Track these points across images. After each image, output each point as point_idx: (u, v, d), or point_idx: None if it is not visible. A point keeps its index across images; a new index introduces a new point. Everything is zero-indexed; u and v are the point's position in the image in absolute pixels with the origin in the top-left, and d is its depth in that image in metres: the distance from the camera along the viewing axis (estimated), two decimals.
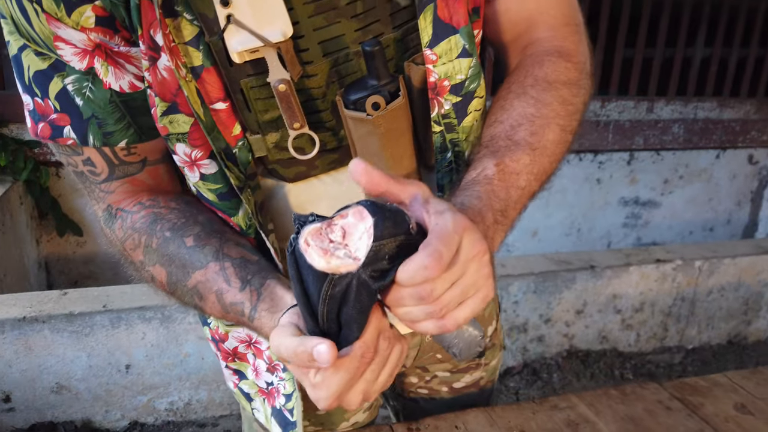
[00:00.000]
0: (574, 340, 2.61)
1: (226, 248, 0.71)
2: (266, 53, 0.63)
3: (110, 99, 0.66)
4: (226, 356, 0.88)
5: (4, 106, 2.67)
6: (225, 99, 0.66)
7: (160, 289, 0.73)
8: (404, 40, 0.69)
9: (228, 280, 0.68)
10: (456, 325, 0.53)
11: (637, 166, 3.63)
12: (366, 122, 0.67)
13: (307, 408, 0.91)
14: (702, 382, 1.04)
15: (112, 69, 0.65)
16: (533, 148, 0.67)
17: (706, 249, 2.74)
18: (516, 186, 0.65)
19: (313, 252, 0.50)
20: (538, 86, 0.71)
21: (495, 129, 0.69)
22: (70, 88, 0.65)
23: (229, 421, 2.19)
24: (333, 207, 0.76)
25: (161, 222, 0.72)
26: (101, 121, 0.67)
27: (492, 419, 0.93)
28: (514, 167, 0.65)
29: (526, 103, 0.70)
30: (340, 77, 0.68)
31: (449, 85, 0.69)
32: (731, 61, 3.63)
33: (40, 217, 2.88)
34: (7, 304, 1.97)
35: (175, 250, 0.70)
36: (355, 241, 0.51)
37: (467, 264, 0.51)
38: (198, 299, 0.70)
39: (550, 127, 0.69)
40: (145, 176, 0.74)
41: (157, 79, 0.63)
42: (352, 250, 0.50)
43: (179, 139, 0.67)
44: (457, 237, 0.50)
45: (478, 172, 0.65)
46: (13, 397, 1.99)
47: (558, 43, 0.75)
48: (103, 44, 0.63)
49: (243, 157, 0.70)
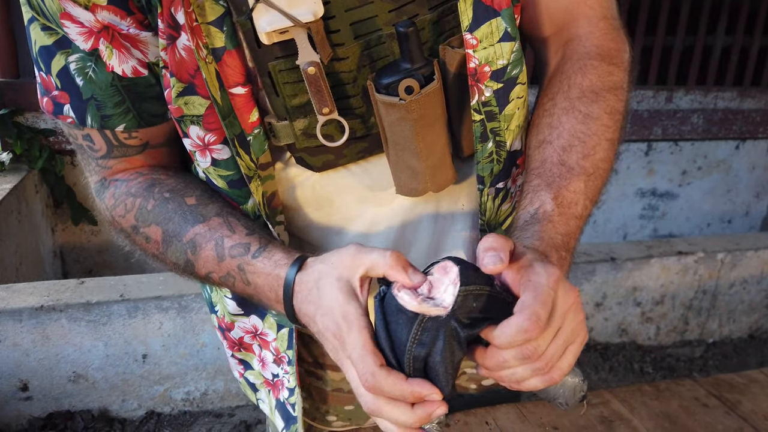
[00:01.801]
0: (593, 332, 2.58)
1: (229, 207, 0.70)
2: (296, 34, 0.60)
3: (111, 82, 0.65)
4: (232, 345, 0.86)
5: (19, 95, 2.67)
6: (245, 84, 0.64)
7: (152, 252, 0.71)
8: (440, 22, 0.66)
9: (232, 229, 0.67)
10: (562, 376, 0.54)
11: (655, 157, 3.59)
12: (398, 107, 0.64)
13: (334, 402, 0.89)
14: (738, 379, 1.01)
15: (116, 52, 0.63)
16: (587, 174, 0.65)
17: (728, 241, 2.69)
18: (574, 216, 0.64)
19: (405, 295, 0.52)
20: (585, 99, 0.69)
21: (545, 152, 0.67)
22: (72, 66, 0.64)
23: (245, 412, 2.18)
24: (361, 199, 0.74)
25: (160, 185, 0.71)
26: (100, 104, 0.66)
27: (523, 415, 0.91)
28: (571, 198, 0.64)
29: (575, 119, 0.68)
30: (371, 61, 0.65)
31: (490, 70, 0.67)
32: (752, 50, 3.57)
33: (56, 206, 2.88)
34: (25, 293, 1.96)
35: (175, 207, 0.69)
36: (442, 293, 0.52)
37: (564, 315, 0.52)
38: (191, 252, 0.68)
39: (601, 145, 0.67)
40: (145, 157, 0.73)
41: (175, 59, 0.61)
42: (439, 301, 0.52)
43: (193, 121, 0.65)
44: (552, 293, 0.50)
45: (536, 208, 0.63)
46: (31, 386, 1.99)
47: (598, 42, 0.72)
48: (111, 26, 0.61)
49: (257, 145, 0.67)
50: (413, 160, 0.68)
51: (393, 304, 0.52)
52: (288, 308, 0.61)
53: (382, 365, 0.52)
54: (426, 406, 0.52)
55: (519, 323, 0.49)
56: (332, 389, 0.88)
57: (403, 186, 0.71)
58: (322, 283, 0.57)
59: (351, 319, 0.53)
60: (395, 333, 0.52)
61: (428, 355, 0.52)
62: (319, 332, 0.57)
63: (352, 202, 0.75)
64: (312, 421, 0.91)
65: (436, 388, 0.52)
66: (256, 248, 0.65)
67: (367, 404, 0.53)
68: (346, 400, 0.88)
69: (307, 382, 0.88)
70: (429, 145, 0.68)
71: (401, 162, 0.69)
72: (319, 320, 0.56)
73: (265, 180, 0.70)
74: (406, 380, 0.52)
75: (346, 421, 0.90)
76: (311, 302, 0.57)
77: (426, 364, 0.52)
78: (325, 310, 0.55)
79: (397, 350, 0.53)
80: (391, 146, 0.68)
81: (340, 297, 0.54)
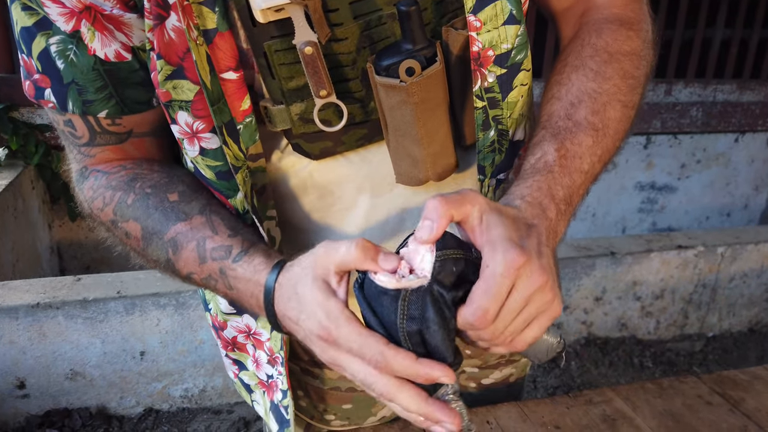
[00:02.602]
0: (592, 327, 2.58)
1: (214, 205, 0.68)
2: (292, 11, 0.58)
3: (93, 66, 0.62)
4: (226, 345, 0.85)
5: (15, 90, 2.65)
6: (237, 69, 0.61)
7: (132, 247, 0.70)
8: (443, 3, 0.64)
9: (214, 229, 0.65)
10: (525, 345, 0.54)
11: (654, 150, 3.58)
12: (399, 90, 0.62)
13: (332, 401, 0.88)
14: (741, 376, 1.00)
15: (99, 35, 0.61)
16: (595, 129, 0.62)
17: (728, 235, 2.68)
18: (579, 170, 0.61)
19: (382, 276, 0.51)
20: (598, 57, 0.66)
21: (553, 106, 0.64)
22: (53, 49, 0.62)
23: (244, 408, 2.17)
24: (360, 188, 0.72)
25: (141, 180, 0.69)
26: (81, 88, 0.64)
27: (524, 414, 0.89)
28: (576, 151, 0.61)
29: (585, 77, 0.65)
30: (371, 42, 0.63)
31: (494, 55, 0.64)
32: (752, 43, 3.56)
33: (52, 202, 2.86)
34: (21, 290, 1.95)
35: (156, 203, 0.67)
36: (419, 262, 0.51)
37: (529, 298, 0.51)
38: (172, 252, 0.66)
39: (612, 104, 0.64)
40: (129, 146, 0.70)
41: (164, 40, 0.58)
42: (419, 271, 0.51)
43: (182, 107, 0.62)
44: (507, 281, 0.50)
45: (537, 158, 0.60)
46: (28, 383, 1.98)
47: (618, 11, 0.70)
48: (93, 6, 0.59)
49: (247, 134, 0.65)
50: (414, 147, 0.66)
51: (373, 288, 0.51)
52: (270, 315, 0.59)
53: (387, 343, 0.51)
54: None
55: (465, 317, 0.50)
56: (329, 388, 0.86)
57: (403, 174, 0.69)
58: (300, 287, 0.55)
59: (335, 314, 0.52)
60: (383, 316, 0.52)
61: (422, 328, 0.51)
62: (306, 337, 0.56)
63: (351, 191, 0.73)
64: (311, 420, 0.90)
65: (446, 367, 0.51)
66: (238, 252, 0.63)
67: (380, 389, 0.51)
68: (344, 398, 0.87)
69: (303, 380, 0.87)
70: (430, 131, 0.66)
71: (401, 149, 0.67)
72: (303, 324, 0.55)
73: (255, 172, 0.68)
74: (416, 359, 0.50)
75: (345, 420, 0.89)
76: (293, 308, 0.56)
77: (422, 338, 0.51)
78: (308, 313, 0.54)
79: (391, 332, 0.52)
80: (391, 132, 0.66)
81: (319, 297, 0.53)
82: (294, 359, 0.85)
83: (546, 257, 0.53)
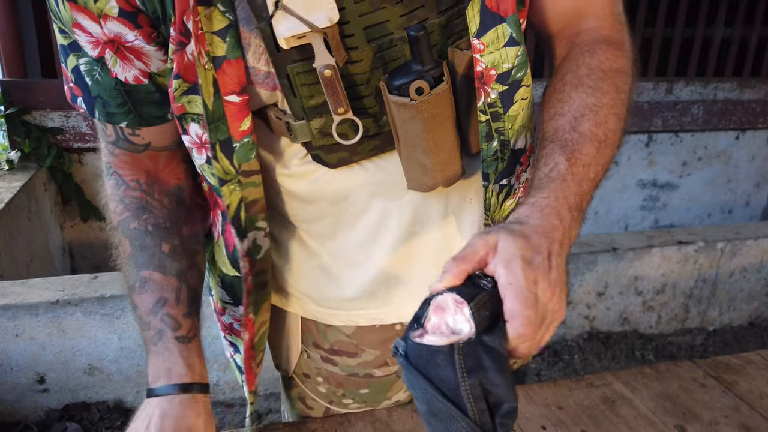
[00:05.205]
0: (595, 322, 2.63)
1: (189, 273, 0.81)
2: (312, 39, 0.64)
3: (115, 86, 0.71)
4: (224, 328, 0.95)
5: (27, 94, 2.69)
6: (241, 93, 0.68)
7: (119, 255, 0.82)
8: (449, 26, 0.70)
9: (177, 299, 0.78)
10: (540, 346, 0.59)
11: (656, 148, 3.62)
12: (409, 107, 0.68)
13: (349, 386, 0.93)
14: (735, 360, 1.05)
15: (120, 62, 0.69)
16: (599, 140, 0.68)
17: (728, 230, 2.73)
18: (587, 178, 0.66)
19: (433, 336, 0.52)
20: (594, 75, 0.72)
21: (558, 122, 0.70)
22: (82, 68, 0.71)
23: (256, 402, 2.22)
24: (373, 193, 0.79)
25: (148, 213, 0.80)
26: (106, 102, 0.73)
27: (529, 396, 0.95)
28: (584, 160, 0.66)
29: (584, 93, 0.70)
30: (384, 63, 0.69)
31: (496, 74, 0.70)
32: (752, 41, 3.59)
33: (64, 203, 2.91)
34: (40, 288, 2.01)
35: (150, 244, 0.79)
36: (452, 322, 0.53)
37: (546, 305, 0.55)
38: (139, 285, 0.78)
39: (610, 117, 0.70)
40: (145, 158, 0.80)
41: (183, 63, 0.66)
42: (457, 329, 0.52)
43: (194, 119, 0.70)
44: (532, 288, 0.54)
45: (550, 168, 0.65)
46: (48, 378, 2.04)
47: (606, 33, 0.76)
48: (116, 39, 0.67)
49: (242, 152, 0.71)
50: (424, 156, 0.72)
51: (424, 351, 0.52)
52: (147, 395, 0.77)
53: None
54: None
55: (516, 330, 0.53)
56: (347, 374, 0.92)
57: (414, 181, 0.76)
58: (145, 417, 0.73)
59: None
60: (439, 376, 0.52)
61: (482, 379, 0.51)
62: None
63: (364, 196, 0.79)
64: (329, 404, 0.96)
65: None
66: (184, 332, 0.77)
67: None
68: (362, 384, 0.93)
69: (323, 367, 0.93)
70: (438, 142, 0.72)
71: (412, 158, 0.73)
72: None
73: (247, 186, 0.74)
74: None
75: (362, 403, 0.95)
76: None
77: (482, 386, 0.52)
78: None
79: (449, 392, 0.52)
80: (402, 143, 0.72)
81: None
82: (316, 348, 0.92)
83: (555, 270, 0.57)
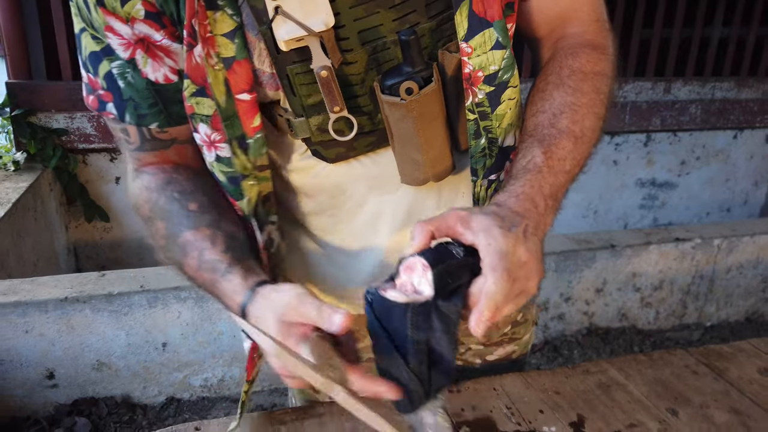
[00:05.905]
0: (593, 317, 2.66)
1: (222, 222, 0.79)
2: (310, 42, 0.69)
3: (146, 87, 0.74)
4: None
5: (32, 96, 2.72)
6: (251, 91, 0.72)
7: (158, 244, 0.81)
8: (439, 30, 0.74)
9: (214, 243, 0.76)
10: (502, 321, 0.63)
11: (654, 148, 3.65)
12: (400, 106, 0.72)
13: None
14: (726, 349, 1.09)
15: (150, 61, 0.72)
16: (576, 136, 0.72)
17: (724, 227, 2.77)
18: (562, 171, 0.70)
19: (394, 293, 0.59)
20: (575, 77, 0.76)
21: (538, 118, 0.74)
22: (115, 71, 0.74)
23: (260, 397, 2.26)
24: (369, 187, 0.83)
25: (173, 184, 0.80)
26: (137, 104, 0.76)
27: (527, 382, 0.99)
28: (560, 154, 0.71)
29: (565, 93, 0.75)
30: (378, 64, 0.73)
31: (483, 75, 0.74)
32: (749, 41, 3.62)
33: (69, 204, 2.95)
34: (49, 285, 2.05)
35: (178, 209, 0.78)
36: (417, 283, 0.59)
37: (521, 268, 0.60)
38: (182, 255, 0.77)
39: (588, 116, 0.74)
40: (172, 152, 0.82)
41: (191, 64, 0.70)
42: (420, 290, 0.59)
43: (202, 120, 0.74)
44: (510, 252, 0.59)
45: (528, 160, 0.70)
46: (57, 374, 2.08)
47: (590, 38, 0.80)
48: (146, 38, 0.71)
49: (255, 148, 0.75)
50: (415, 153, 0.76)
51: (384, 304, 0.59)
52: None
53: None
54: None
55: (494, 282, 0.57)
56: None
57: (407, 176, 0.80)
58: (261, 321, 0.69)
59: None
60: (393, 328, 0.59)
61: (429, 338, 0.59)
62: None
63: (361, 190, 0.84)
64: None
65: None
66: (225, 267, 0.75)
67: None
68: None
69: None
70: (429, 139, 0.76)
71: (405, 154, 0.77)
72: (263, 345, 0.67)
73: (262, 180, 0.79)
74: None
75: None
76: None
77: (428, 344, 0.60)
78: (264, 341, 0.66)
79: (398, 341, 0.60)
80: (396, 140, 0.77)
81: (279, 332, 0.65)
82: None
83: (532, 242, 0.62)
